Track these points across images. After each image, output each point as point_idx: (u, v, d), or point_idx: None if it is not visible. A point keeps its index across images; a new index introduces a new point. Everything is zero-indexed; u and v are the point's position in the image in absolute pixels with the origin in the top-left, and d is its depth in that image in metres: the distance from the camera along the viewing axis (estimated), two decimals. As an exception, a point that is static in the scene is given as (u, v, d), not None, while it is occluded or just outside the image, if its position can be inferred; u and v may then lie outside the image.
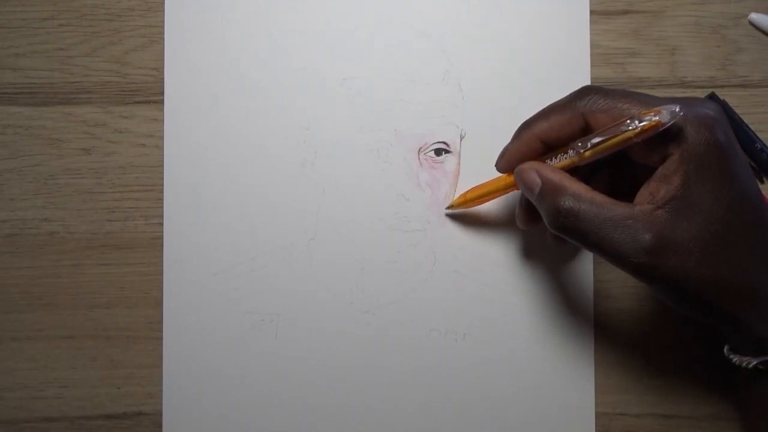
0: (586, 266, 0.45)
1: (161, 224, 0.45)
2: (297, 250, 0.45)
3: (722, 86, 0.46)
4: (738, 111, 0.45)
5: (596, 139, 0.36)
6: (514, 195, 0.44)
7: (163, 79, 0.45)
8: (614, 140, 0.36)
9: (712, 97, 0.45)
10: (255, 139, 0.45)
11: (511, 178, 0.41)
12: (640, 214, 0.35)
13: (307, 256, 0.45)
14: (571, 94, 0.38)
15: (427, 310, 0.45)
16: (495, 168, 0.42)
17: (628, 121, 0.35)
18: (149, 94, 0.46)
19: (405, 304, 0.45)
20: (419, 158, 0.45)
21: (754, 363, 0.37)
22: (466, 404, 0.45)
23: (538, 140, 0.39)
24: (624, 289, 0.45)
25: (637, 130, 0.35)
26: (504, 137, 0.44)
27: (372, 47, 0.45)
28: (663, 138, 0.35)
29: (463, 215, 0.45)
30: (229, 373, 0.45)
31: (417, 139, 0.45)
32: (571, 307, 0.45)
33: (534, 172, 0.38)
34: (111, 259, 0.45)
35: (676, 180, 0.35)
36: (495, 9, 0.45)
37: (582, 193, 0.36)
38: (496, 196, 0.43)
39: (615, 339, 0.45)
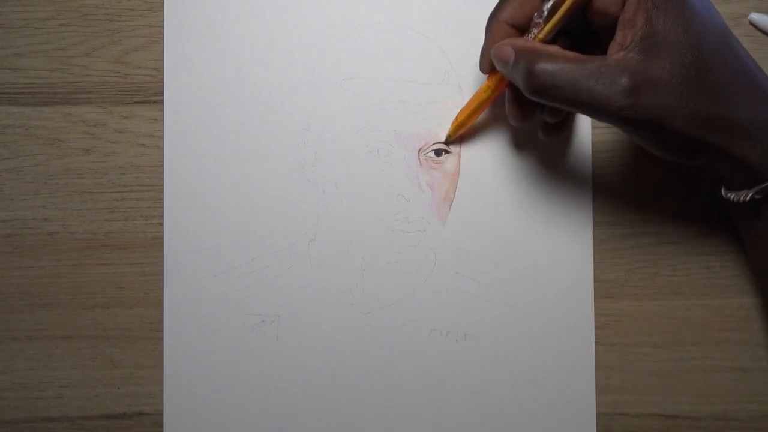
0: (586, 266, 0.45)
1: (161, 224, 0.45)
2: (297, 251, 0.45)
3: (722, 86, 0.45)
4: (738, 111, 0.45)
5: (549, 3, 0.37)
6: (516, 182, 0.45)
7: (163, 79, 0.45)
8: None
9: None
10: (255, 140, 0.45)
11: (492, 81, 0.41)
12: (614, 61, 0.35)
13: (308, 257, 0.45)
14: None
15: (427, 310, 0.45)
16: (480, 71, 0.41)
17: None
18: (149, 94, 0.46)
19: (406, 304, 0.45)
20: (419, 159, 0.45)
21: (751, 194, 0.37)
22: (467, 404, 0.45)
23: (507, 26, 0.39)
24: (624, 289, 0.45)
25: None
26: (503, 136, 0.45)
27: (371, 48, 0.45)
28: None
29: (466, 215, 0.45)
30: (231, 375, 0.45)
31: (417, 139, 0.45)
32: (571, 307, 0.45)
33: (507, 45, 0.38)
34: (111, 259, 0.45)
35: (639, 20, 0.35)
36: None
37: (555, 53, 0.37)
38: (486, 106, 0.43)
39: (615, 339, 0.45)
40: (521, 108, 0.40)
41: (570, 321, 0.45)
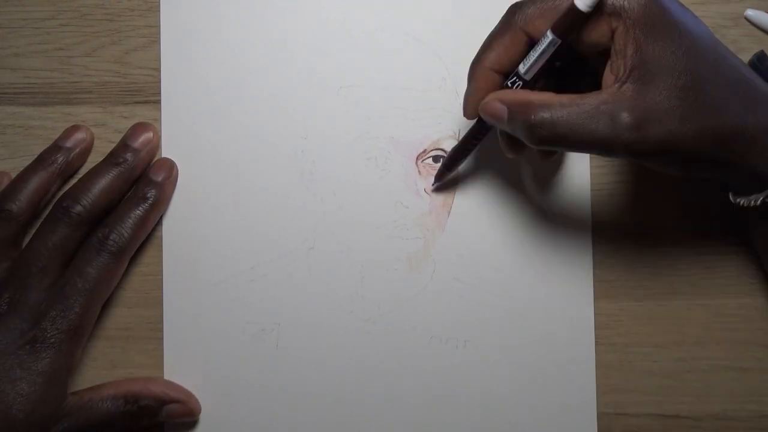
0: (585, 268, 0.45)
1: (161, 224, 0.45)
2: (297, 259, 0.45)
3: (723, 86, 0.45)
4: (738, 111, 0.45)
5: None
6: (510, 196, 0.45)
7: (161, 79, 0.45)
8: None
9: (760, 56, 0.45)
10: (253, 148, 0.45)
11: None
12: (610, 95, 0.35)
13: (307, 265, 0.45)
14: (502, 16, 0.38)
15: (427, 317, 0.45)
16: (464, 117, 0.41)
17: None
18: (149, 94, 0.46)
19: (405, 311, 0.45)
20: (417, 165, 0.45)
21: (761, 198, 0.37)
22: (467, 410, 0.45)
23: (492, 72, 0.39)
24: (624, 289, 0.45)
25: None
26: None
27: (368, 55, 0.45)
28: (604, 17, 0.35)
29: (465, 221, 0.45)
30: (231, 383, 0.45)
31: (414, 146, 0.45)
32: (571, 307, 0.45)
33: (496, 101, 0.38)
34: (111, 259, 0.45)
35: (629, 50, 0.35)
36: (490, 15, 0.44)
37: (549, 100, 0.36)
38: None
39: (615, 339, 0.45)
40: (514, 142, 0.40)
41: (570, 321, 0.45)
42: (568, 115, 0.35)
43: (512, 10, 0.38)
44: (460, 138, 0.43)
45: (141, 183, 0.44)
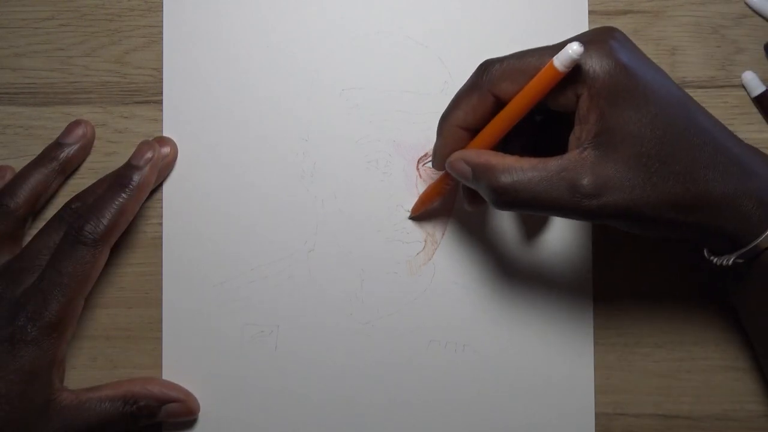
0: (585, 268, 0.45)
1: (161, 224, 0.45)
2: (296, 261, 0.45)
3: (722, 86, 0.45)
4: (738, 111, 0.45)
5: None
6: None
7: (163, 79, 0.45)
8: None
9: None
10: (254, 150, 0.45)
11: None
12: (570, 161, 0.35)
13: (307, 268, 0.45)
14: (472, 74, 0.38)
15: (426, 321, 0.45)
16: (433, 168, 0.42)
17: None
18: (149, 95, 0.46)
19: (405, 315, 0.45)
20: (418, 169, 0.45)
21: (733, 259, 0.37)
22: (466, 413, 0.45)
23: (459, 129, 0.39)
24: (623, 289, 0.45)
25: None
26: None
27: (370, 58, 0.45)
28: (569, 81, 0.35)
29: (465, 225, 0.45)
30: (229, 384, 0.45)
31: (416, 150, 0.45)
32: (571, 307, 0.45)
33: (461, 161, 0.38)
34: (111, 259, 0.45)
35: (592, 117, 0.35)
36: (493, 19, 0.45)
37: (512, 165, 0.36)
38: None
39: (615, 339, 0.45)
40: (474, 197, 0.40)
41: (570, 321, 0.45)
42: (529, 181, 0.35)
43: (480, 69, 0.37)
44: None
45: (122, 169, 0.42)
